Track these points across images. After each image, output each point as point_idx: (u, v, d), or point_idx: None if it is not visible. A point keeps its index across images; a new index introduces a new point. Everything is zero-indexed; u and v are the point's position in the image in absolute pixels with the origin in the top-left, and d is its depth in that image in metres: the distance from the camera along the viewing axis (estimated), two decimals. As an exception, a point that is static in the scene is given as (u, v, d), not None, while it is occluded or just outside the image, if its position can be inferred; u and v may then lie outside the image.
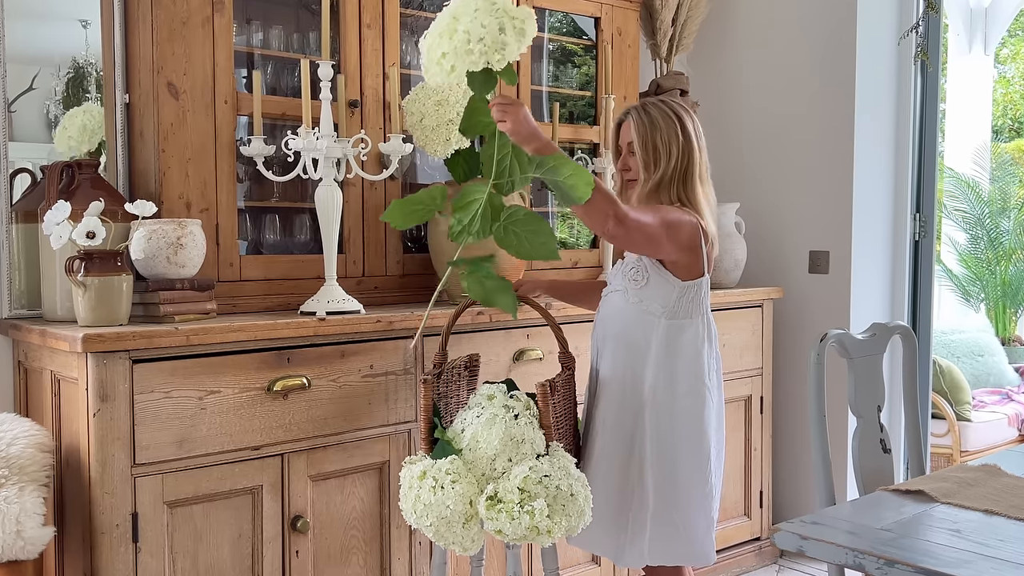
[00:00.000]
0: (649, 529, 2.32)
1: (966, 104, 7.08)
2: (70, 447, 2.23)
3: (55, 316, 2.43)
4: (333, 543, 2.49)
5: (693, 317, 2.37)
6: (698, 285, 2.36)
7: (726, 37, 4.06)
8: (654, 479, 2.32)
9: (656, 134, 2.35)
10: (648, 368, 2.34)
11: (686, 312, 2.35)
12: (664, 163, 2.34)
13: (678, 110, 2.40)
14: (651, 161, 2.35)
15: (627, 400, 2.35)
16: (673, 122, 2.37)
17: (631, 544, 2.34)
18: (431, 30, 2.12)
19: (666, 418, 2.33)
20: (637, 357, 2.35)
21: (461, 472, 2.15)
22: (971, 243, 7.07)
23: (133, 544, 2.15)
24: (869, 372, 2.46)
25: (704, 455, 2.35)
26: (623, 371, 2.36)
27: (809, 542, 1.60)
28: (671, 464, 2.32)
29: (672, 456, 2.32)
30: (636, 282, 2.35)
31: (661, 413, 2.33)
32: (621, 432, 2.35)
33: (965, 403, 4.94)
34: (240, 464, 2.31)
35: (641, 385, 2.34)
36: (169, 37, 2.47)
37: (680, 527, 2.33)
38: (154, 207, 2.34)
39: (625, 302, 2.37)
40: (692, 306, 2.36)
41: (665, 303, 2.33)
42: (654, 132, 2.35)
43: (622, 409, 2.35)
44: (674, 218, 2.29)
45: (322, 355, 2.44)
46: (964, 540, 1.59)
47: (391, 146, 2.58)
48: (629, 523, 2.34)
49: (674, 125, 2.36)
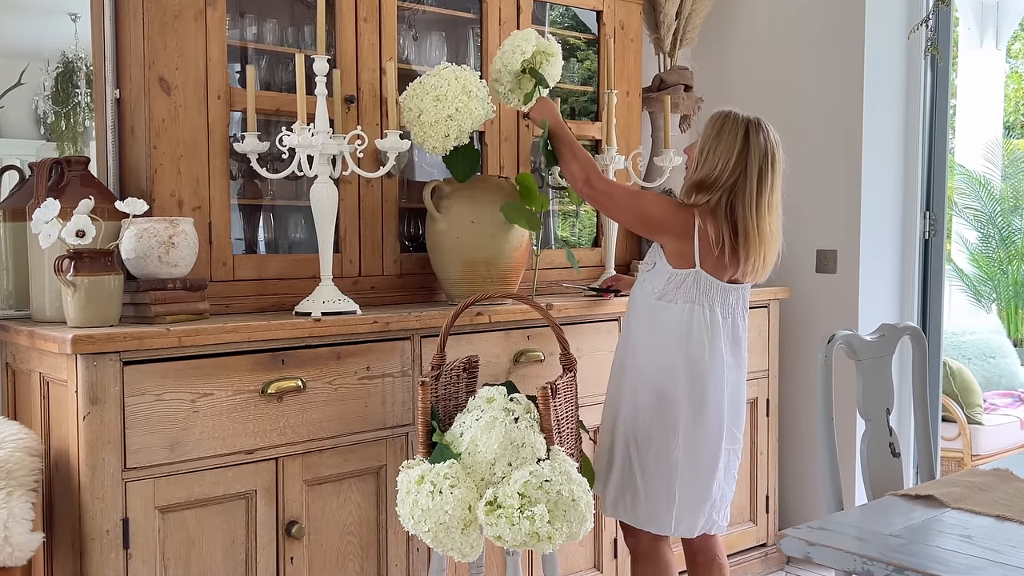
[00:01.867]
0: (614, 486, 2.61)
1: (977, 100, 7.07)
2: (59, 451, 2.23)
3: (44, 317, 2.42)
4: (329, 549, 2.49)
5: (682, 303, 2.55)
6: (688, 275, 2.54)
7: (731, 31, 4.06)
8: (623, 441, 2.59)
9: (708, 142, 2.56)
10: (636, 340, 2.61)
11: (673, 297, 2.55)
12: (707, 169, 2.54)
13: (758, 135, 2.56)
14: (696, 161, 2.60)
15: (618, 368, 2.66)
16: (735, 140, 2.53)
17: (602, 495, 2.64)
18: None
19: (642, 390, 2.57)
20: (631, 332, 2.64)
21: (460, 477, 2.15)
22: (982, 242, 7.07)
23: (124, 550, 2.15)
24: (878, 374, 2.46)
25: (670, 429, 2.55)
26: (622, 345, 2.67)
27: (816, 548, 1.60)
28: (642, 431, 2.57)
29: (643, 424, 2.57)
30: (647, 266, 2.64)
31: (638, 383, 2.58)
32: (610, 397, 2.68)
33: (976, 406, 4.94)
34: (233, 468, 2.31)
35: (627, 356, 2.63)
36: (161, 31, 2.47)
37: (640, 492, 2.57)
38: (145, 205, 2.33)
39: (640, 287, 2.66)
40: (682, 292, 2.55)
41: (656, 286, 2.58)
42: (708, 140, 2.57)
43: (615, 377, 2.67)
44: (646, 197, 2.66)
45: (317, 357, 2.44)
46: (975, 546, 1.59)
47: (388, 143, 2.57)
48: (603, 477, 2.64)
49: (733, 144, 2.53)
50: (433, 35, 3.17)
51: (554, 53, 2.83)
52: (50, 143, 2.72)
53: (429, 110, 2.60)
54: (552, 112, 2.76)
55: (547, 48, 2.82)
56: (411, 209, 3.05)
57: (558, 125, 2.74)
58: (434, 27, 3.18)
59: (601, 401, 2.82)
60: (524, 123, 3.18)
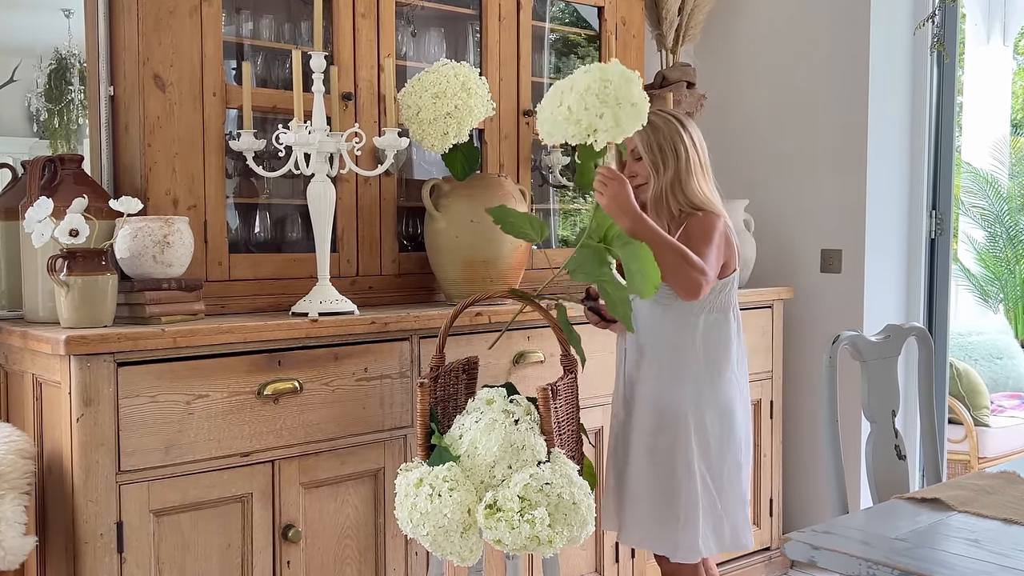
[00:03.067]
0: (701, 521, 2.45)
1: (984, 97, 7.07)
2: (52, 453, 2.23)
3: (37, 317, 2.42)
4: (326, 553, 2.49)
5: (727, 312, 2.51)
6: (731, 281, 2.51)
7: (734, 27, 4.06)
8: (698, 476, 2.45)
9: (659, 135, 2.48)
10: (691, 366, 2.47)
11: (721, 307, 2.50)
12: (673, 163, 2.47)
13: (675, 112, 2.56)
14: (660, 162, 2.48)
15: (671, 397, 2.47)
16: (673, 123, 2.51)
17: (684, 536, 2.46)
18: (552, 90, 2.24)
19: (709, 410, 2.47)
20: (679, 357, 2.47)
21: (459, 479, 2.15)
22: (989, 241, 7.07)
23: (118, 554, 2.15)
24: (883, 375, 2.46)
25: (735, 444, 2.51)
26: (668, 375, 2.48)
27: (821, 552, 1.60)
28: (714, 457, 2.47)
29: (715, 450, 2.47)
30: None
31: (704, 405, 2.47)
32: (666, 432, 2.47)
33: (983, 407, 4.94)
34: (229, 471, 2.31)
35: (684, 382, 2.47)
36: (155, 27, 2.47)
37: (724, 517, 2.49)
38: (140, 204, 2.34)
39: (656, 304, 2.48)
40: (726, 301, 2.51)
41: (703, 301, 2.44)
42: (657, 134, 2.48)
43: (660, 411, 2.47)
44: (719, 232, 2.44)
45: (314, 358, 2.44)
46: (982, 550, 1.59)
47: (386, 140, 2.57)
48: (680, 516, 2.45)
49: (674, 125, 2.50)
50: (432, 31, 3.17)
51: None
52: (43, 141, 2.72)
53: (428, 107, 2.60)
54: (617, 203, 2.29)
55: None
56: (410, 208, 3.05)
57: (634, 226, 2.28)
58: (433, 23, 3.19)
59: (601, 403, 2.82)
60: (524, 121, 3.18)
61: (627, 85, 2.14)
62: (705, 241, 2.40)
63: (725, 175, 4.04)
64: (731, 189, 3.98)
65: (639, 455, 2.50)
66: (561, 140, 2.20)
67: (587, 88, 2.13)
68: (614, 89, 2.13)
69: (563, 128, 2.17)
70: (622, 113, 2.13)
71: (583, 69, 2.18)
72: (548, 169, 3.28)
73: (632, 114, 2.15)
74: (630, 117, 2.15)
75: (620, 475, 2.56)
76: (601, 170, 2.31)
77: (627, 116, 2.14)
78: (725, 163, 4.05)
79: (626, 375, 2.57)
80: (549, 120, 2.20)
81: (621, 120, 2.14)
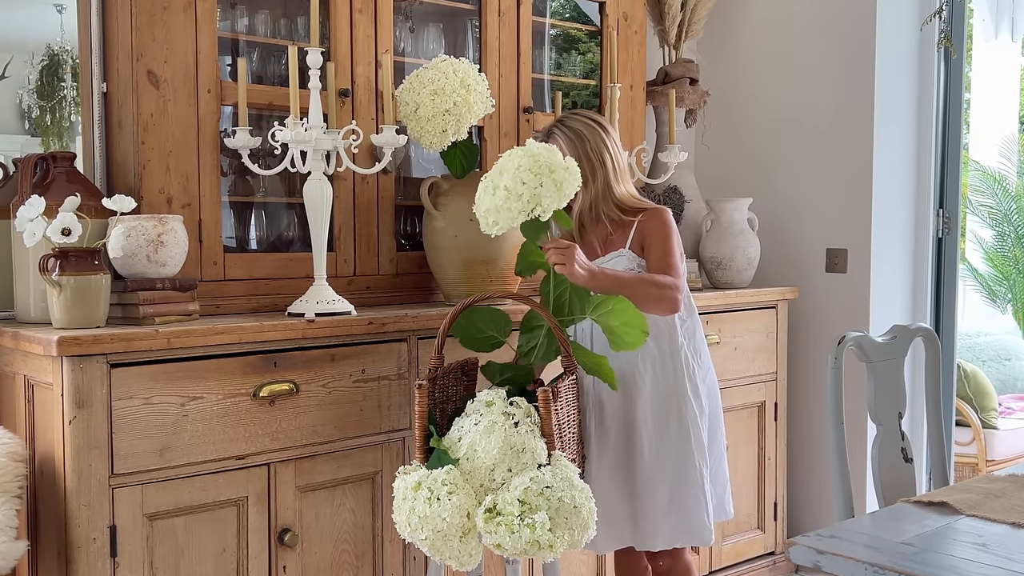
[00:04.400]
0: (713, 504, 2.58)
1: (992, 93, 7.07)
2: (44, 456, 2.23)
3: (28, 317, 2.42)
4: (323, 558, 2.49)
5: (689, 297, 2.60)
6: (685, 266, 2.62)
7: (738, 23, 4.06)
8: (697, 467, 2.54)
9: (586, 145, 2.56)
10: (680, 351, 2.57)
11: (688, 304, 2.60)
12: (601, 171, 2.56)
13: (596, 117, 2.62)
14: (588, 173, 2.54)
15: (670, 388, 2.55)
16: (595, 128, 2.58)
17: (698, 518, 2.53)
18: (479, 188, 2.32)
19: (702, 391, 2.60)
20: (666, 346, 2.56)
21: (458, 483, 2.15)
22: (997, 240, 7.07)
23: (111, 559, 2.15)
24: (890, 377, 2.46)
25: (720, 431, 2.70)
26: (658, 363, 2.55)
27: (826, 557, 1.60)
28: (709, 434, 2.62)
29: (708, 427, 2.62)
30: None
31: (698, 388, 2.58)
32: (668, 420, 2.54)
33: (991, 409, 4.95)
34: (224, 474, 2.31)
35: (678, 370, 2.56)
36: (149, 22, 2.47)
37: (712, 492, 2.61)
38: (133, 202, 2.34)
39: None
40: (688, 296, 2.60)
41: None
42: (583, 144, 2.56)
43: (664, 399, 2.54)
44: (675, 230, 2.56)
45: (311, 359, 2.44)
46: (990, 555, 1.59)
47: (384, 138, 2.58)
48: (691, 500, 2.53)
49: (597, 131, 2.57)
50: (430, 27, 3.17)
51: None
52: (35, 138, 2.72)
53: (426, 104, 2.60)
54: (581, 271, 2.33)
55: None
56: (408, 206, 3.05)
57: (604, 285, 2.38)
58: (431, 19, 3.19)
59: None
60: (524, 118, 3.18)
61: (551, 155, 2.25)
62: (666, 241, 2.51)
63: (728, 173, 4.06)
64: (734, 187, 3.99)
65: (647, 451, 2.53)
66: (509, 225, 2.26)
67: (517, 167, 2.23)
68: (544, 160, 2.23)
69: (507, 208, 2.23)
70: (558, 176, 2.23)
71: (506, 155, 2.28)
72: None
73: (568, 177, 2.24)
74: (567, 179, 2.24)
75: (625, 479, 2.55)
76: (549, 245, 2.34)
77: (564, 179, 2.23)
78: (728, 161, 4.06)
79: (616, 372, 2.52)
80: (491, 209, 2.26)
81: (560, 183, 2.22)
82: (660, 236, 2.52)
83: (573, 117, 2.61)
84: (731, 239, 3.60)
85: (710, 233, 3.64)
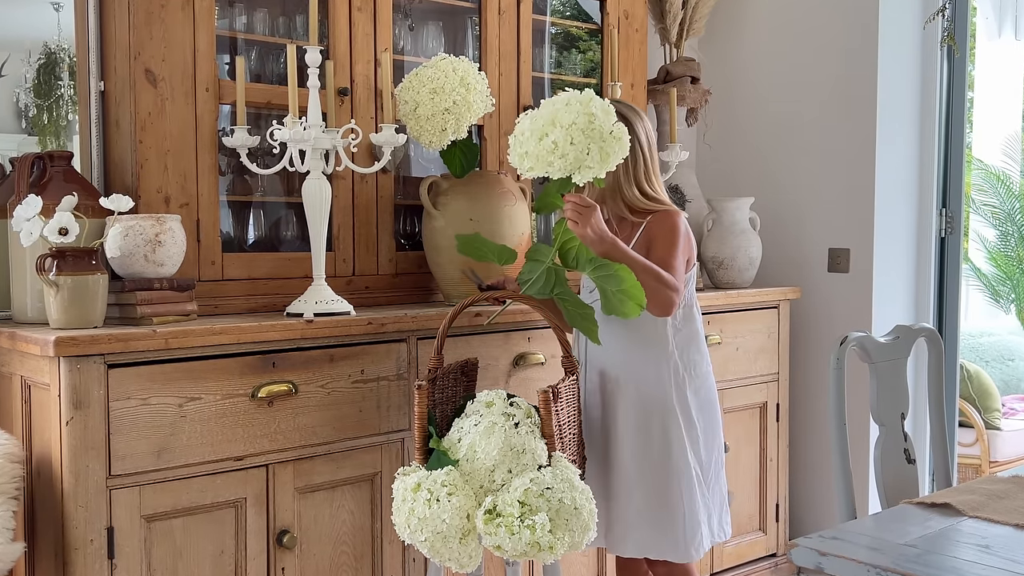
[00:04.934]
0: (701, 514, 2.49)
1: (996, 92, 7.08)
2: (41, 457, 2.23)
3: (25, 318, 2.42)
4: (321, 560, 2.49)
5: (692, 307, 2.56)
6: (692, 276, 2.55)
7: (740, 21, 4.06)
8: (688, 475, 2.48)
9: None
10: (668, 361, 2.50)
11: (687, 302, 2.54)
12: (630, 160, 2.46)
13: (628, 104, 2.56)
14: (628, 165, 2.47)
15: (655, 394, 2.48)
16: (627, 116, 2.49)
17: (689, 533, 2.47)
18: (525, 122, 2.26)
19: (694, 404, 2.51)
20: (653, 353, 2.50)
21: (458, 484, 2.15)
22: (1001, 240, 7.07)
23: (108, 560, 2.15)
24: (892, 377, 2.47)
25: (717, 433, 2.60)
26: (642, 370, 2.49)
27: (828, 559, 1.60)
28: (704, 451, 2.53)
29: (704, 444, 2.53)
30: None
31: (688, 399, 2.51)
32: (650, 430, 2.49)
33: (994, 410, 4.95)
34: (222, 475, 2.31)
35: (665, 378, 2.49)
36: (147, 21, 2.47)
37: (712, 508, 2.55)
38: (131, 202, 2.34)
39: None
40: (690, 295, 2.55)
41: None
42: None
43: (646, 407, 2.48)
44: (683, 234, 2.48)
45: (310, 359, 2.44)
46: (993, 556, 1.59)
47: (383, 137, 2.58)
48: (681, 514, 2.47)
49: (628, 119, 2.46)
50: (430, 25, 3.17)
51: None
52: (32, 137, 2.72)
53: (426, 103, 2.60)
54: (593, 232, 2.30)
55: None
56: (407, 206, 3.05)
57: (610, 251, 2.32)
58: (431, 17, 3.19)
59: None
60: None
61: (607, 117, 2.20)
62: (671, 245, 2.45)
63: (730, 172, 4.06)
64: (736, 186, 3.99)
65: (626, 456, 2.48)
66: (542, 174, 2.23)
67: (572, 123, 2.18)
68: (599, 124, 2.18)
69: (547, 160, 2.20)
70: (607, 147, 2.18)
71: (563, 100, 2.21)
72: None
73: (616, 147, 2.21)
74: (615, 151, 2.20)
75: (602, 481, 2.51)
76: (571, 198, 2.30)
77: (613, 149, 2.19)
78: (730, 160, 4.06)
79: (600, 372, 2.54)
80: (533, 155, 2.22)
81: (607, 155, 2.19)
82: (665, 238, 2.45)
83: (619, 104, 2.51)
84: (733, 239, 3.60)
85: (711, 233, 3.65)
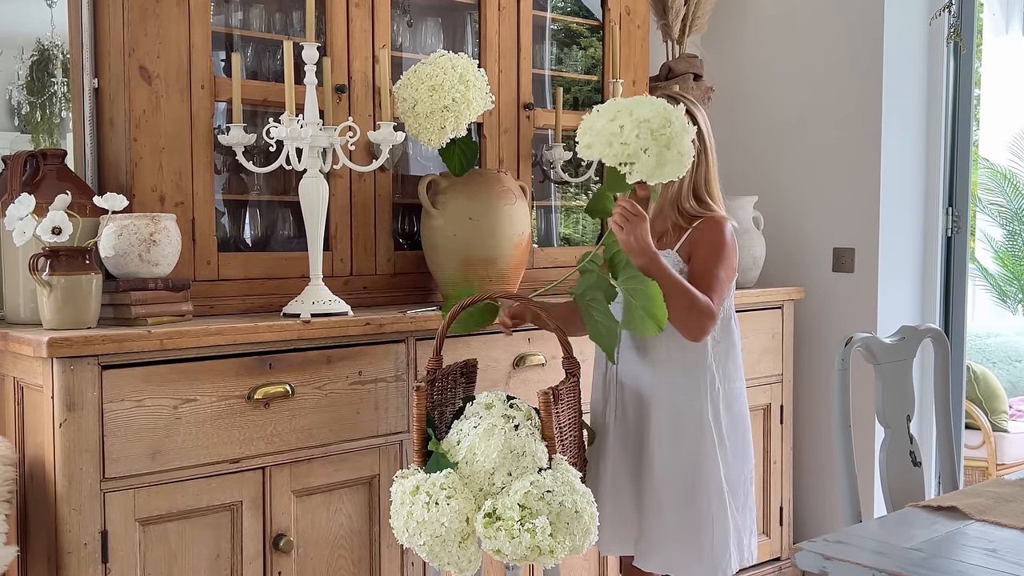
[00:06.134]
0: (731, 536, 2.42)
1: (1003, 89, 7.07)
2: (34, 460, 2.23)
3: (18, 318, 2.42)
4: (319, 564, 2.49)
5: (730, 320, 2.50)
6: (733, 283, 2.47)
7: (743, 17, 4.06)
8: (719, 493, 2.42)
9: None
10: (705, 373, 2.42)
11: (726, 313, 2.47)
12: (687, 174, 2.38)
13: (688, 96, 2.48)
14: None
15: (689, 407, 2.41)
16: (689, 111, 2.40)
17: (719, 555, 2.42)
18: (607, 103, 2.23)
19: (726, 420, 2.45)
20: (692, 363, 2.42)
21: (457, 487, 2.15)
22: (1008, 239, 7.07)
23: (103, 564, 2.15)
24: (898, 379, 2.46)
25: (751, 454, 2.53)
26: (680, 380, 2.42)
27: (833, 563, 1.60)
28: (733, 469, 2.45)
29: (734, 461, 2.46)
30: None
31: (721, 415, 2.44)
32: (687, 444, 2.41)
33: (1001, 412, 4.94)
34: (218, 478, 2.31)
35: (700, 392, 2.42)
36: (141, 17, 2.47)
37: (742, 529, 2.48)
38: (125, 200, 2.34)
39: None
40: (729, 306, 2.49)
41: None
42: None
43: (680, 419, 2.41)
44: (729, 244, 2.40)
45: (307, 360, 2.44)
46: (1000, 560, 1.59)
47: (381, 134, 2.58)
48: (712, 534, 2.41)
49: (689, 115, 2.38)
50: (429, 21, 3.17)
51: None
52: (25, 135, 2.72)
53: (424, 100, 2.60)
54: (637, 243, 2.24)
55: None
56: (405, 205, 3.05)
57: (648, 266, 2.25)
58: (430, 13, 3.19)
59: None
60: (524, 115, 3.18)
61: (683, 134, 2.16)
62: (716, 257, 2.37)
63: (733, 171, 4.06)
64: (739, 185, 3.99)
65: (659, 468, 2.42)
66: (596, 156, 2.20)
67: (646, 119, 2.14)
68: (671, 132, 2.14)
69: (607, 143, 2.16)
70: (667, 157, 2.14)
71: (651, 99, 2.20)
72: (550, 164, 3.27)
73: (676, 162, 2.15)
74: (672, 165, 2.15)
75: (635, 488, 2.47)
76: (623, 203, 2.25)
77: (670, 162, 2.15)
78: (733, 157, 4.06)
79: (633, 379, 2.48)
80: (597, 130, 2.18)
81: (662, 163, 2.14)
82: (709, 246, 2.37)
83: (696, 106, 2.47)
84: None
85: (714, 232, 3.64)
